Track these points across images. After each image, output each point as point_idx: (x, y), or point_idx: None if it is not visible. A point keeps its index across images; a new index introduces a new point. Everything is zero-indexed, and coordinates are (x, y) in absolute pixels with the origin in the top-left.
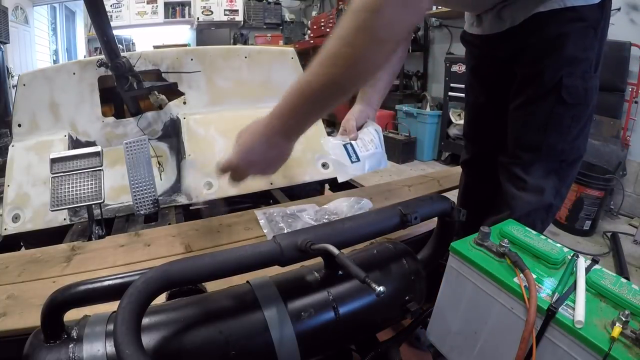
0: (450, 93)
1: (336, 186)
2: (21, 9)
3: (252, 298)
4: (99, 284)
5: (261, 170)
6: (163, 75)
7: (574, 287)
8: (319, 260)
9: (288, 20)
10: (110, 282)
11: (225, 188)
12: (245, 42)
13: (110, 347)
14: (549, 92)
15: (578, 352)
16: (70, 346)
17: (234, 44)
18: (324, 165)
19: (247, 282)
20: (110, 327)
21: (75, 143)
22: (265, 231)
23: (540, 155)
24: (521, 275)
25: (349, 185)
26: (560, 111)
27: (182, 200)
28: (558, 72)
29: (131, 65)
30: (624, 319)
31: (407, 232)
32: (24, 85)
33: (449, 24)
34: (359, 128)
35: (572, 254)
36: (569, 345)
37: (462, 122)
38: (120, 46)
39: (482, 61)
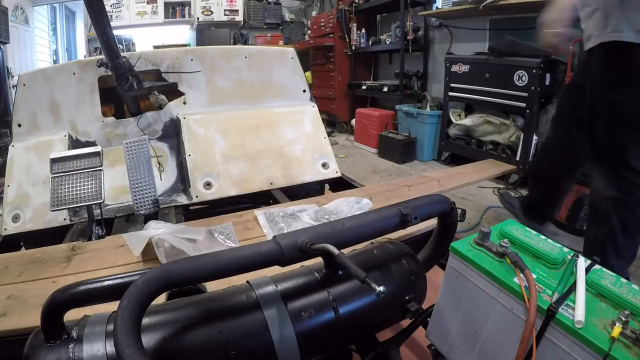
0: (450, 93)
1: (336, 186)
2: (21, 9)
3: (252, 298)
4: (99, 284)
5: None
6: (163, 75)
7: (574, 287)
8: (319, 260)
9: (288, 20)
10: (110, 282)
11: (225, 188)
12: (245, 42)
13: (110, 347)
14: None
15: (578, 352)
16: (70, 346)
17: (234, 44)
18: (324, 165)
19: (247, 282)
20: (110, 327)
21: (75, 143)
22: (265, 231)
23: None
24: (521, 275)
25: (349, 185)
26: None
27: (182, 200)
28: None
29: (131, 65)
30: (624, 319)
31: (407, 232)
32: (24, 85)
33: (449, 23)
34: None
35: (572, 254)
36: (569, 345)
37: (462, 122)
38: (120, 46)
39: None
